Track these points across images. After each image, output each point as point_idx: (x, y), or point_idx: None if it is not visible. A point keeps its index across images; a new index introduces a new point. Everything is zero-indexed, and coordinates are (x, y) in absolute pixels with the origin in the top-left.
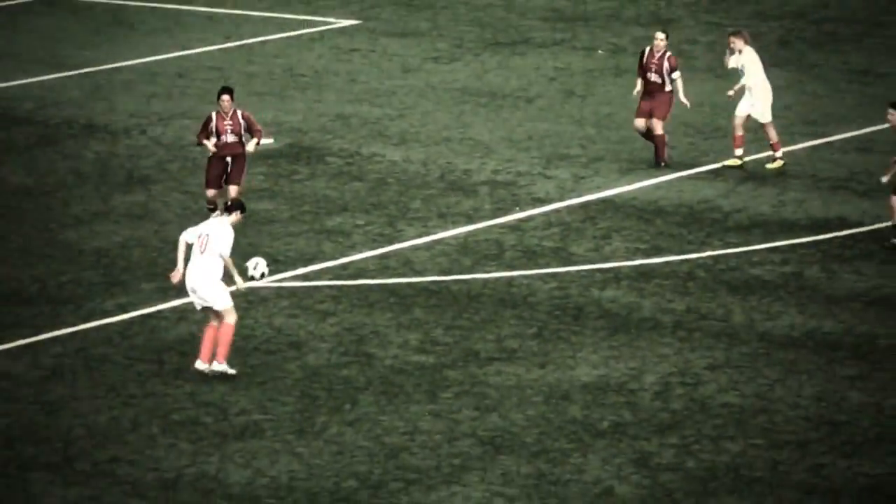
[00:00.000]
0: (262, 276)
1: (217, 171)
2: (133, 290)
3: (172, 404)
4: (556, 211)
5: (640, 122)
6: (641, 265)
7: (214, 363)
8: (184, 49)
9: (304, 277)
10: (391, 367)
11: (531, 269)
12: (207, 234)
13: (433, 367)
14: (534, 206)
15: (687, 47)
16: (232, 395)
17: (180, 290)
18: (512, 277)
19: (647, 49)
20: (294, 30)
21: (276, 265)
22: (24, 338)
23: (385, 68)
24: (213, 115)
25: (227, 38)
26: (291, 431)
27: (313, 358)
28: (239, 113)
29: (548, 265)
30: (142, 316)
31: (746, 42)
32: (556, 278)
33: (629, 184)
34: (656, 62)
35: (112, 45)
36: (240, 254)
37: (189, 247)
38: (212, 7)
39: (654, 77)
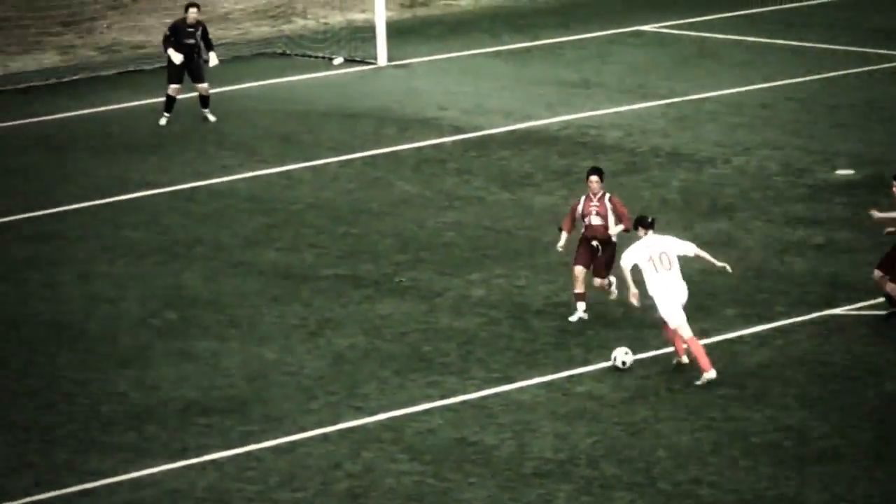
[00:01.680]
0: (624, 364)
1: (586, 254)
2: (716, 316)
3: (753, 428)
4: None
5: None
6: None
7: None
8: (767, 81)
9: (882, 306)
10: None
11: None
12: (664, 251)
13: None
14: None
15: None
16: (812, 420)
17: (761, 315)
18: None
19: None
20: (875, 63)
21: (856, 294)
22: (609, 360)
23: None
24: (582, 198)
25: (809, 72)
26: (869, 457)
27: (891, 385)
28: (607, 196)
29: None
30: (724, 341)
31: None
32: None
33: None
34: None
35: (698, 76)
36: (821, 281)
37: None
38: (796, 41)
39: None
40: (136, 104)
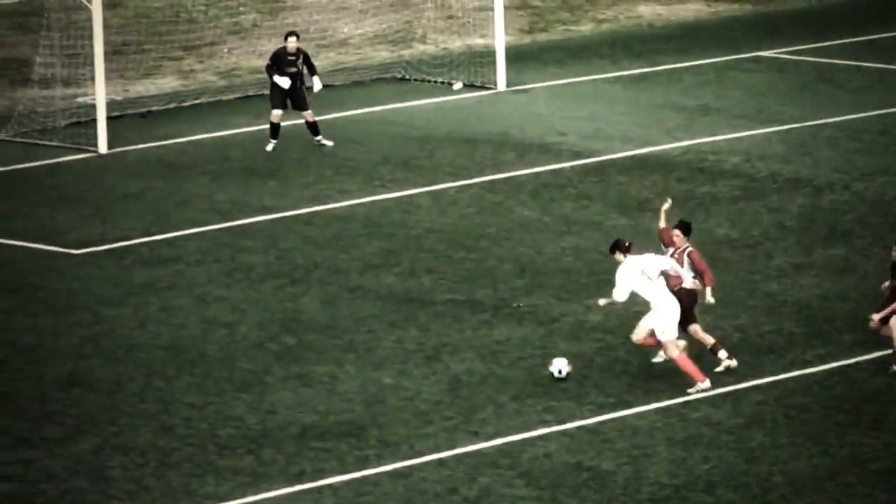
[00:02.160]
0: (560, 372)
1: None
2: (833, 342)
3: (870, 454)
4: None
5: None
6: None
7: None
8: (886, 106)
9: None
10: None
11: None
12: (650, 265)
13: None
14: None
15: None
16: None
17: (879, 342)
18: None
19: None
20: None
21: None
22: (726, 385)
23: None
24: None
25: None
26: None
27: None
28: (688, 251)
29: None
30: (842, 367)
31: None
32: None
33: None
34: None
35: (816, 101)
36: None
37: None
38: None
39: None
40: (255, 129)
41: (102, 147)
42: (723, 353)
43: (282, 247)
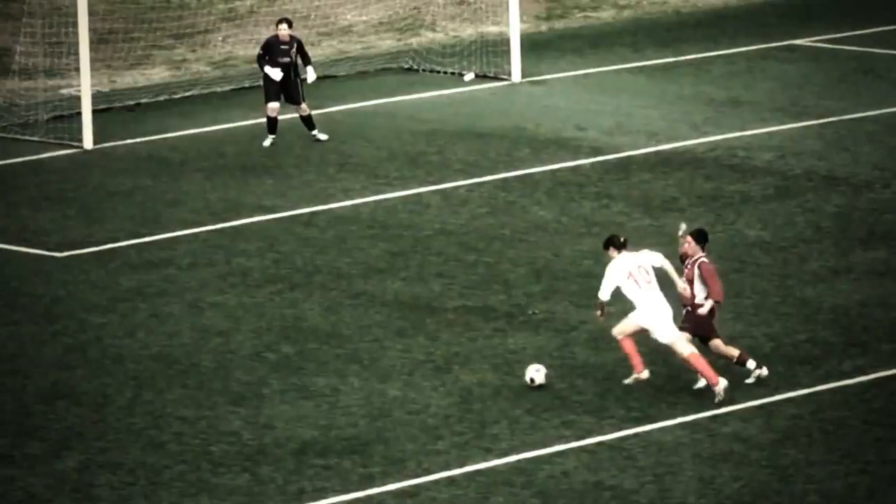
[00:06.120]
0: (532, 381)
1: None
2: (872, 351)
3: None
4: None
5: None
6: None
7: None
8: None
9: None
10: None
11: None
12: (640, 264)
13: None
14: None
15: None
16: None
17: None
18: None
19: None
20: None
21: None
22: (757, 399)
23: None
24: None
25: None
26: None
27: None
28: (699, 261)
29: None
30: (881, 378)
31: None
32: None
33: None
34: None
35: (856, 93)
36: None
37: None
38: None
39: None
40: (251, 123)
41: (88, 142)
42: (751, 363)
43: (280, 249)
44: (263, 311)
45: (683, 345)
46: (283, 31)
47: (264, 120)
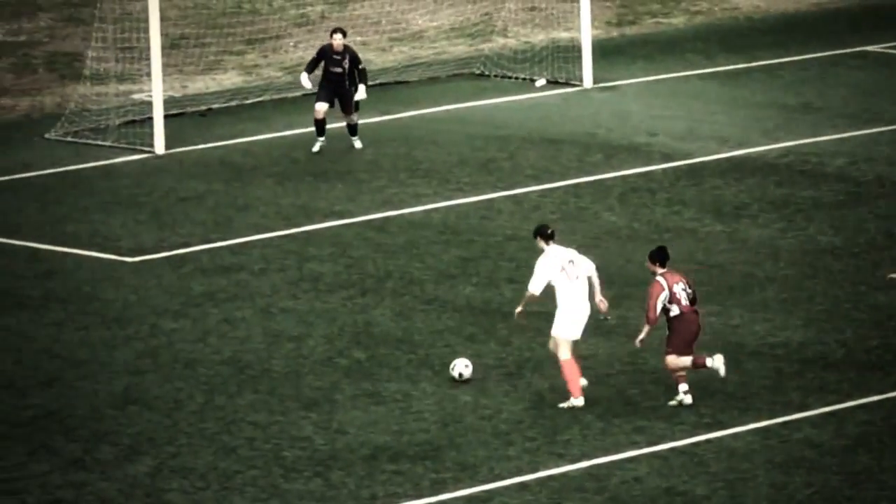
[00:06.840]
0: (461, 375)
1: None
2: None
3: None
4: None
5: None
6: None
7: None
8: None
9: None
10: None
11: None
12: (571, 259)
13: None
14: None
15: None
16: None
17: None
18: None
19: None
20: None
21: None
22: (829, 405)
23: None
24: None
25: None
26: None
27: None
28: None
29: None
30: None
31: None
32: None
33: None
34: None
35: None
36: None
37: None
38: None
39: None
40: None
41: (159, 147)
42: (683, 386)
43: (352, 255)
44: (335, 316)
45: (564, 350)
46: (338, 40)
47: (338, 125)
